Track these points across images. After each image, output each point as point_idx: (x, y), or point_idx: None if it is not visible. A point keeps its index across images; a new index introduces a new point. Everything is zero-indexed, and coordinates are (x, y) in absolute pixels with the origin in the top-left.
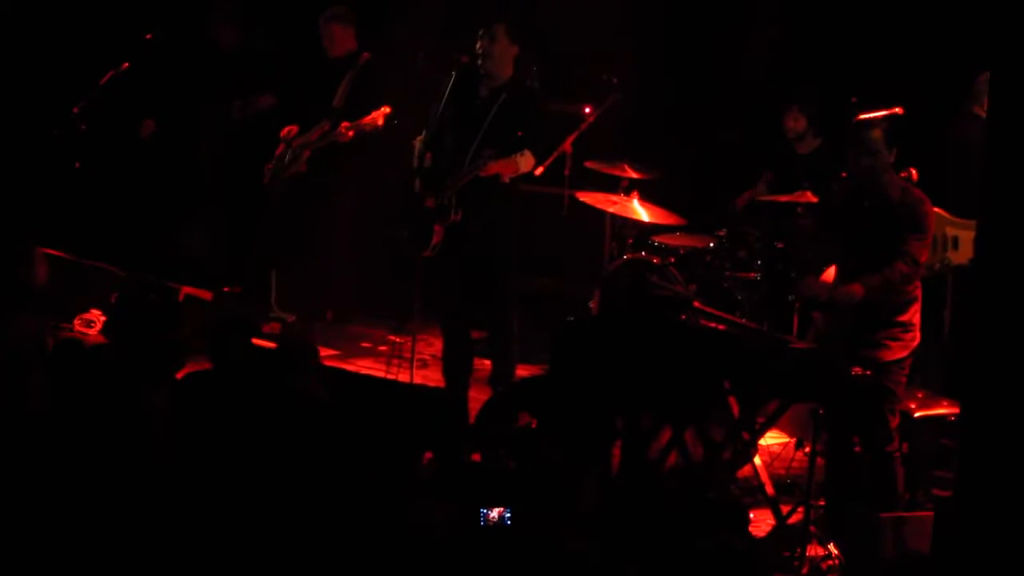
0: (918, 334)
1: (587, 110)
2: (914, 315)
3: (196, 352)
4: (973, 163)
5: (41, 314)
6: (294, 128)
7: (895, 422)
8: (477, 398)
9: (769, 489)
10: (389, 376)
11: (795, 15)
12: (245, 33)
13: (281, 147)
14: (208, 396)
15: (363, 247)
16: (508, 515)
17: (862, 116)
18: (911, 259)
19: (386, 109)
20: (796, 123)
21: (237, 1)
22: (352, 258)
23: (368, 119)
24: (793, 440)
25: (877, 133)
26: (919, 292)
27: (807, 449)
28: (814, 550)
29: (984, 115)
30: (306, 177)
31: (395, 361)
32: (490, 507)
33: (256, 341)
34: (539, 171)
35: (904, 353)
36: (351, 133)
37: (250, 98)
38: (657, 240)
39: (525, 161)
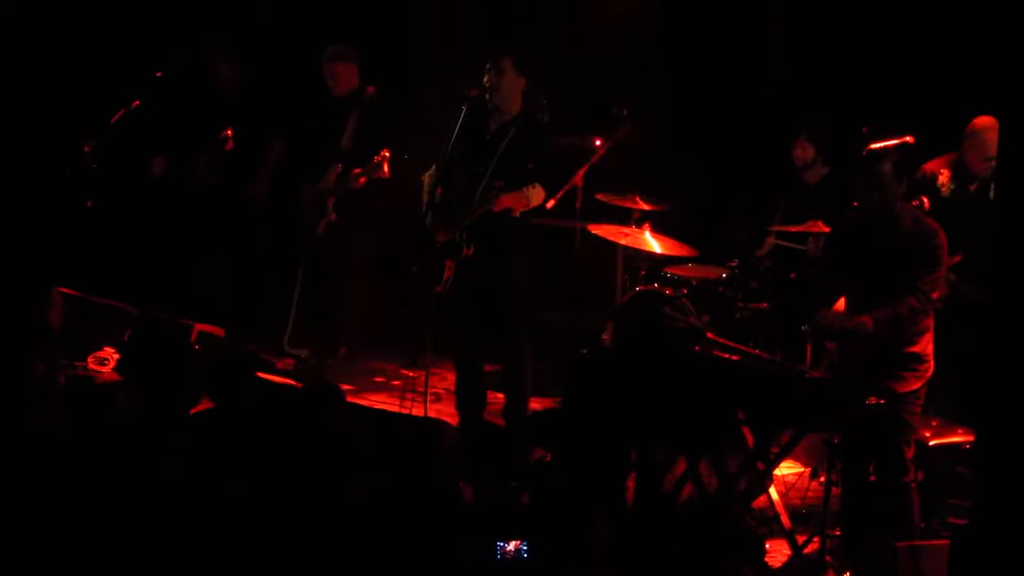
0: (932, 364)
1: (598, 143)
2: (926, 346)
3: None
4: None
5: (53, 352)
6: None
7: (911, 453)
8: None
9: (784, 519)
10: (403, 410)
11: (804, 44)
12: (247, 74)
13: (305, 197)
14: (217, 433)
15: (375, 282)
16: (525, 548)
17: (873, 147)
18: (923, 295)
19: (386, 152)
20: (804, 152)
21: (236, 41)
22: (365, 294)
23: (374, 165)
24: (808, 470)
25: (886, 167)
26: (931, 322)
27: (822, 479)
28: None
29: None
30: (336, 224)
31: (409, 395)
32: (507, 540)
33: (271, 377)
34: (551, 204)
35: (918, 384)
36: (363, 180)
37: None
38: (669, 271)
39: (536, 194)
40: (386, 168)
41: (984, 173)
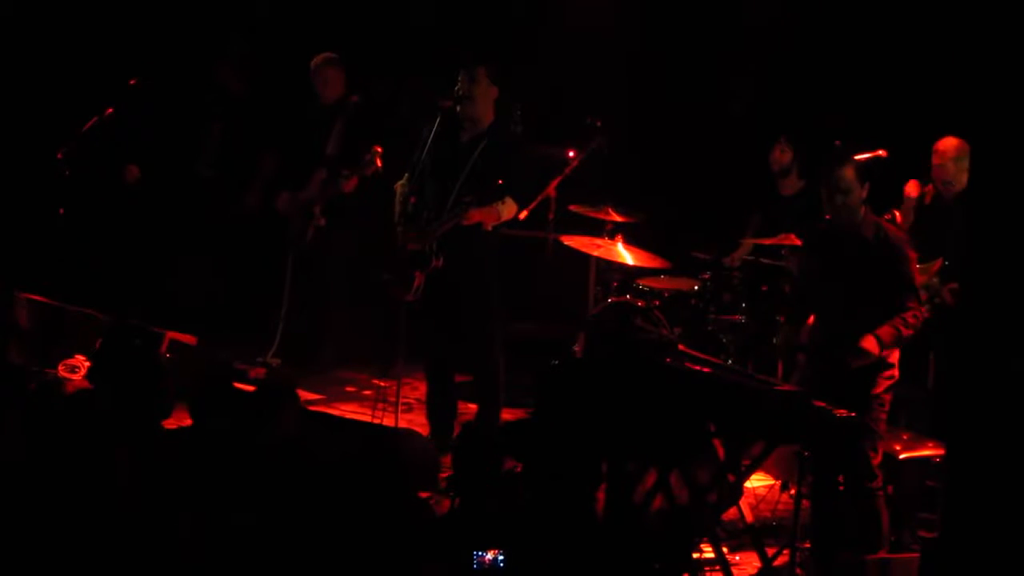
0: (896, 372)
1: (571, 154)
2: (890, 354)
3: (181, 398)
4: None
5: (22, 358)
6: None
7: (877, 459)
8: None
9: (755, 531)
10: (374, 420)
11: (782, 57)
12: (252, 80)
13: (285, 205)
14: (191, 454)
15: (347, 292)
16: (502, 558)
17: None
18: (916, 309)
19: (378, 148)
20: (783, 155)
21: (247, 47)
22: (340, 303)
23: (367, 162)
24: (779, 482)
25: (849, 171)
26: None
27: (793, 491)
28: None
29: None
30: (324, 229)
31: (380, 405)
32: (484, 550)
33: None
34: (523, 215)
35: (879, 389)
36: (354, 180)
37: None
38: (642, 283)
39: (507, 208)
40: (379, 162)
41: (945, 194)
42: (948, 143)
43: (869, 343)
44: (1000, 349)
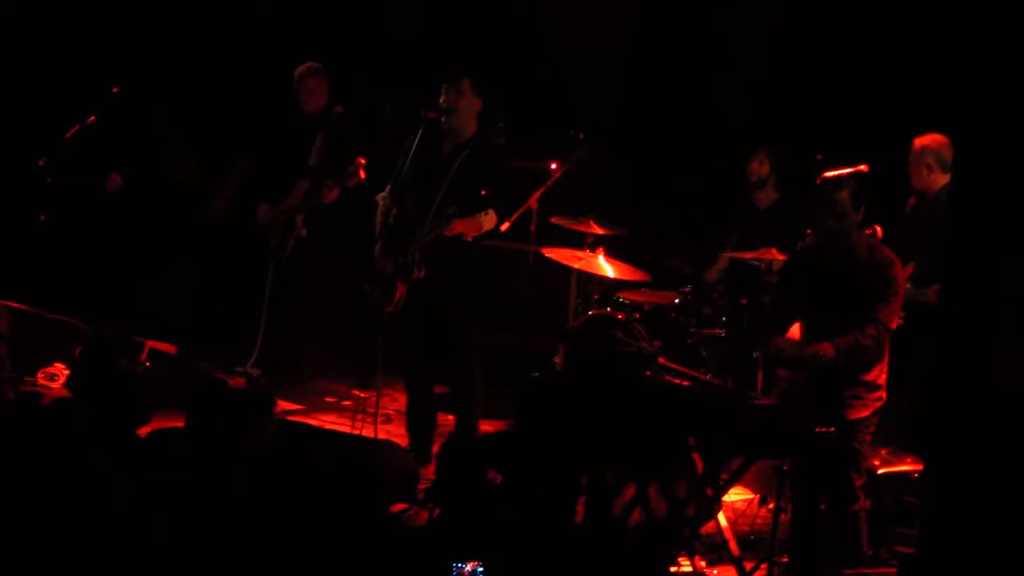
0: (884, 393)
1: (553, 166)
2: (879, 375)
3: (160, 407)
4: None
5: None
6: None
7: (860, 481)
8: None
9: (733, 546)
10: (353, 431)
11: (765, 73)
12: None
13: (264, 215)
14: (176, 456)
15: (329, 302)
16: (481, 569)
17: (828, 174)
18: (882, 325)
19: (362, 160)
20: (760, 167)
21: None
22: (321, 313)
23: (349, 173)
24: (757, 497)
25: (844, 194)
26: (886, 352)
27: (771, 506)
28: None
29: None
30: (306, 240)
31: (360, 416)
32: (464, 561)
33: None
34: (505, 227)
35: (867, 412)
36: (336, 191)
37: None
38: (622, 296)
39: (488, 220)
40: (362, 174)
41: (928, 189)
42: (923, 139)
43: (824, 347)
44: (976, 362)
